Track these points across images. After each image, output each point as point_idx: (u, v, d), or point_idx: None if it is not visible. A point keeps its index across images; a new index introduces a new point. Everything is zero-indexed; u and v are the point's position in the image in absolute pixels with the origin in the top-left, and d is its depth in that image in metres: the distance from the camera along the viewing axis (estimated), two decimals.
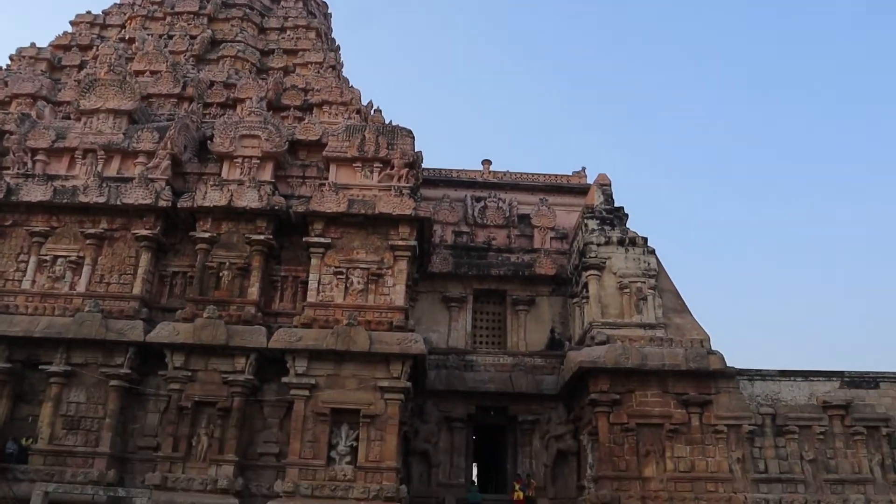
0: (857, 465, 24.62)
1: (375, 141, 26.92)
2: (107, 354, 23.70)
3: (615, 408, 24.74)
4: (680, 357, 25.07)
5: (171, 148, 26.62)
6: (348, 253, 25.56)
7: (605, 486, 23.76)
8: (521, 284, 30.85)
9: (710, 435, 24.60)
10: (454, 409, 28.22)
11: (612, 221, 28.49)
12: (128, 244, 25.59)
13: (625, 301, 26.87)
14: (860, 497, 24.01)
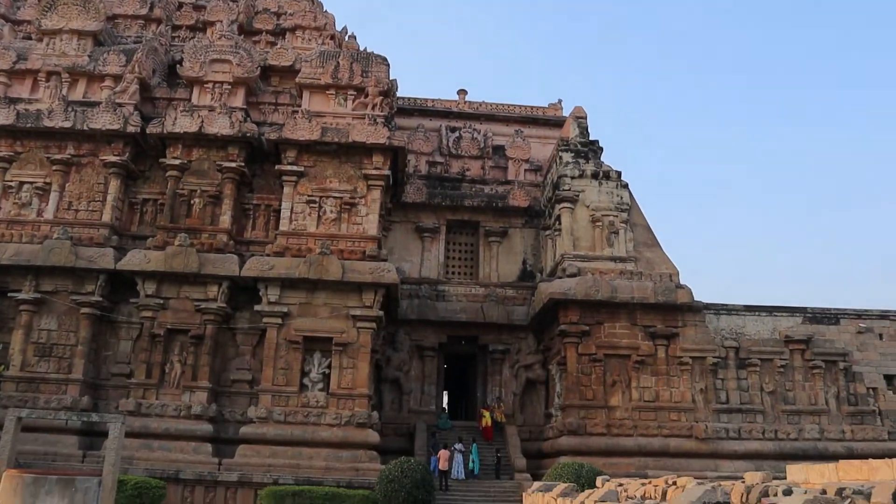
0: (813, 397, 25.55)
1: (350, 68, 26.45)
2: (77, 282, 23.62)
3: (584, 339, 25.24)
4: (649, 290, 25.51)
5: (138, 72, 25.96)
6: (321, 182, 25.42)
7: (572, 415, 24.47)
8: (495, 216, 30.95)
9: (676, 366, 25.29)
10: (426, 338, 28.64)
11: (587, 155, 28.47)
12: (96, 170, 25.20)
13: (597, 234, 27.11)
14: (815, 427, 25.01)
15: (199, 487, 21.12)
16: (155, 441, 22.16)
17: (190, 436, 22.34)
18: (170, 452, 21.89)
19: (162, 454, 21.85)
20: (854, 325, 26.84)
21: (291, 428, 22.51)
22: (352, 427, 22.71)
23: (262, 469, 21.51)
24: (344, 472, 21.64)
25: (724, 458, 24.09)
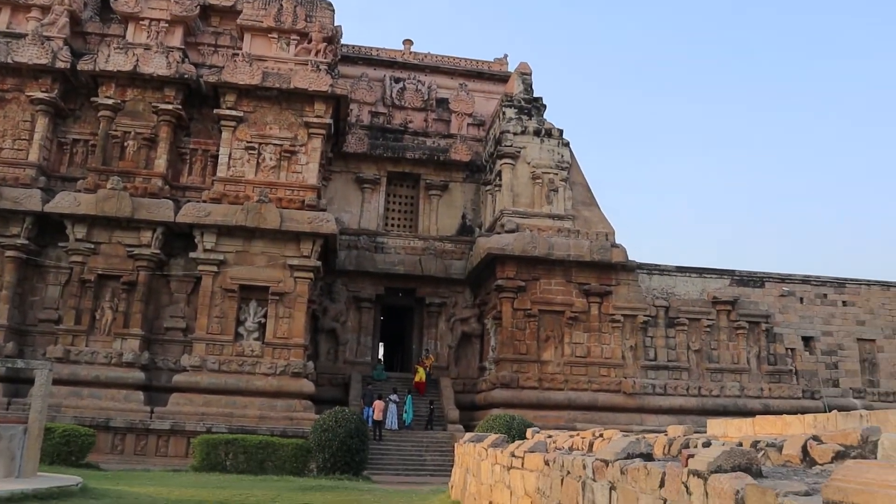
0: (736, 356, 26.63)
1: (293, 11, 25.77)
2: (2, 224, 22.77)
3: (520, 294, 25.62)
4: (585, 248, 25.97)
5: (69, 3, 24.77)
6: (261, 128, 24.92)
7: (506, 368, 24.95)
8: (436, 169, 30.89)
9: (608, 323, 25.94)
10: (363, 289, 28.65)
11: (530, 111, 28.54)
12: (22, 107, 24.12)
13: (536, 191, 27.36)
14: (736, 384, 26.12)
15: (130, 435, 20.95)
16: (84, 389, 21.76)
17: (121, 383, 22.01)
18: (100, 400, 21.57)
19: (92, 402, 21.50)
20: (777, 289, 27.94)
21: (226, 377, 22.39)
22: (287, 377, 22.71)
23: (196, 418, 21.39)
24: (278, 422, 21.70)
25: (649, 413, 24.99)
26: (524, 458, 8.94)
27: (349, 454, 19.13)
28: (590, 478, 6.68)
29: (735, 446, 5.00)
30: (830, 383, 27.60)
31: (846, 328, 28.36)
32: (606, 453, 6.42)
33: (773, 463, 5.86)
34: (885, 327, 28.87)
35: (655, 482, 5.39)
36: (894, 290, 29.53)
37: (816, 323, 28.08)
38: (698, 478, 4.79)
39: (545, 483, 8.02)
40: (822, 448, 5.44)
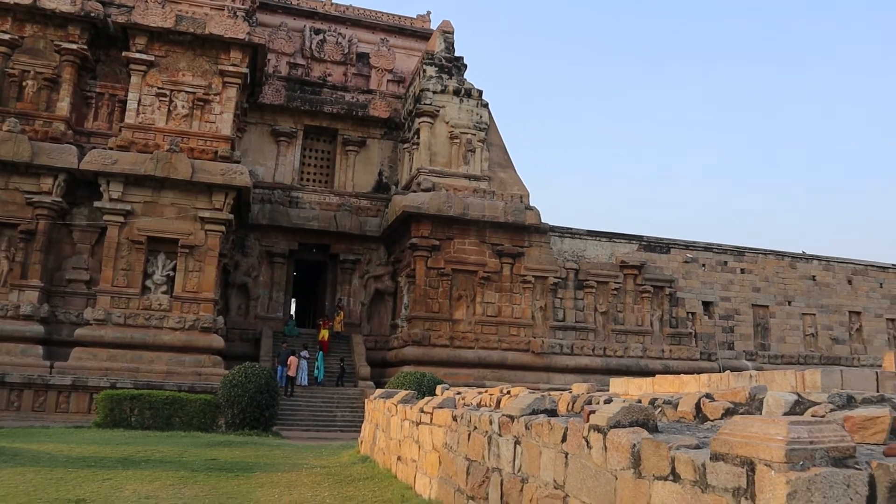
0: (640, 319, 27.67)
1: None
2: None
3: (434, 253, 25.78)
4: (500, 210, 26.27)
5: None
6: (173, 74, 23.97)
7: (418, 326, 25.17)
8: (354, 125, 30.51)
9: (519, 284, 26.44)
10: (277, 244, 28.24)
11: (451, 70, 28.43)
12: None
13: (454, 151, 27.42)
14: (639, 346, 27.18)
15: (27, 391, 20.16)
16: None
17: (18, 337, 21.11)
18: None
19: None
20: (682, 255, 29.08)
21: (132, 331, 21.78)
22: (196, 331, 22.29)
23: (100, 373, 20.77)
24: (186, 377, 21.33)
25: (557, 372, 25.74)
26: (433, 414, 9.11)
27: (259, 410, 19.03)
28: (496, 433, 6.89)
29: (633, 403, 5.25)
30: (726, 346, 29.08)
31: (743, 294, 29.87)
32: (512, 409, 6.62)
33: (668, 419, 6.17)
34: (778, 294, 30.55)
35: (558, 437, 5.61)
36: (787, 259, 31.24)
37: (716, 289, 29.45)
38: (598, 432, 5.02)
39: (453, 438, 8.21)
40: (713, 405, 5.77)
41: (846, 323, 31.72)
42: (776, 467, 3.47)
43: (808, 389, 7.18)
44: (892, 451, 4.07)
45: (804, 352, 30.39)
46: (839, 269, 32.27)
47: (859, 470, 3.64)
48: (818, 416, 4.95)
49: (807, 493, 3.41)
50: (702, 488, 3.93)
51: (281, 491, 9.66)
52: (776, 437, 3.55)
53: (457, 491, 7.84)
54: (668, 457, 4.23)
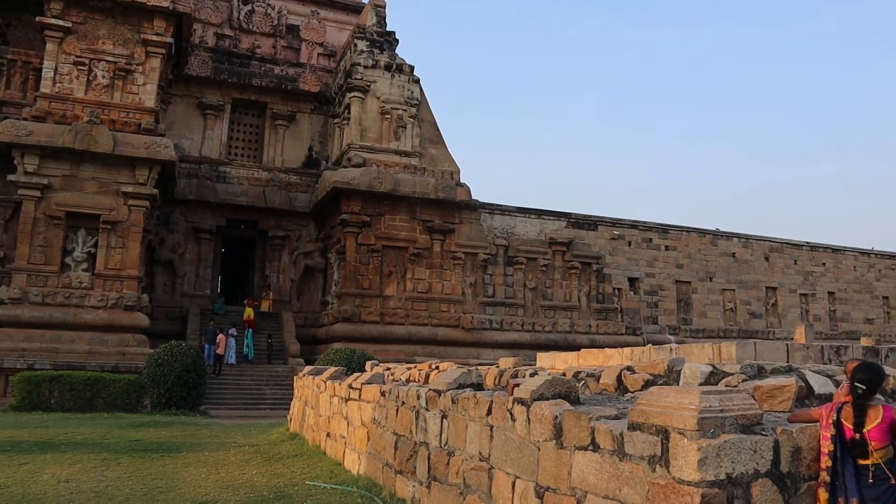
0: (568, 295, 28.20)
1: None
2: None
3: (364, 229, 25.65)
4: (430, 186, 26.27)
5: None
6: (93, 42, 23.03)
7: (348, 302, 25.07)
8: (283, 98, 29.95)
9: (449, 261, 26.57)
10: (203, 219, 27.61)
11: (383, 45, 28.15)
12: None
13: (385, 127, 27.25)
14: (567, 321, 27.73)
15: None
16: None
17: None
18: None
19: None
20: (609, 232, 29.72)
21: (50, 310, 21.03)
22: (119, 310, 21.68)
23: (16, 354, 19.97)
24: (109, 357, 20.75)
25: (486, 347, 26.05)
26: (361, 389, 9.13)
27: (185, 389, 18.69)
28: (423, 407, 6.95)
29: (557, 376, 5.37)
30: (651, 320, 29.93)
31: (667, 271, 30.76)
32: (439, 384, 6.69)
33: (591, 391, 6.35)
34: (700, 271, 31.58)
35: (483, 410, 5.71)
36: (709, 237, 32.29)
37: (641, 265, 30.23)
38: (522, 405, 5.12)
39: (381, 413, 8.25)
40: (634, 377, 5.96)
41: (763, 298, 33.04)
42: (689, 435, 3.62)
43: (724, 361, 7.47)
44: (796, 417, 4.30)
45: (724, 326, 31.53)
46: (757, 246, 33.53)
47: (765, 436, 3.83)
48: (731, 386, 5.16)
49: (716, 459, 3.57)
50: (620, 457, 4.07)
51: (208, 470, 9.56)
52: (689, 407, 3.70)
53: (385, 466, 7.91)
54: (589, 427, 4.35)
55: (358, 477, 8.62)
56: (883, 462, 3.85)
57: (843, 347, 9.40)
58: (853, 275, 36.04)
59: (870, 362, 4.18)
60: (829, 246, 35.80)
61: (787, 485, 3.85)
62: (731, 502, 3.60)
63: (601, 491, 4.18)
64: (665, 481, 3.69)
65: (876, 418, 3.90)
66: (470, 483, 5.80)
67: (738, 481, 3.64)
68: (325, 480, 8.63)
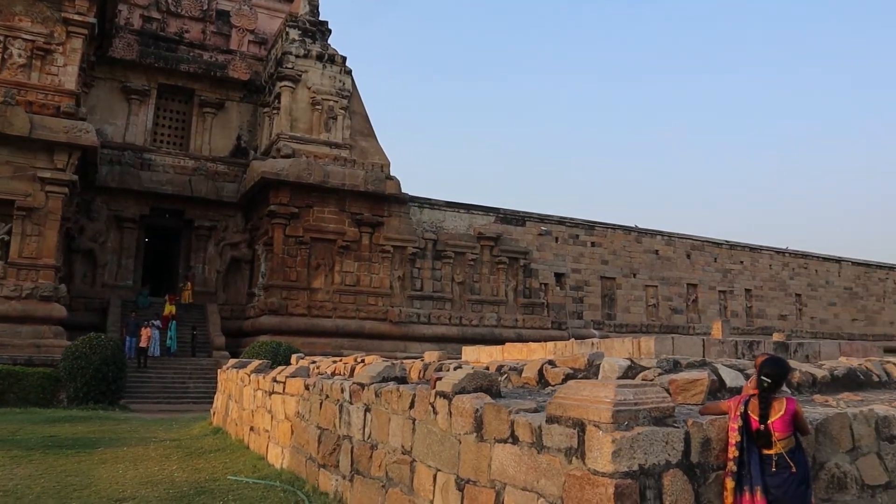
0: (496, 289, 28.51)
1: None
2: None
3: (292, 221, 25.34)
4: (360, 179, 26.13)
5: None
6: (8, 18, 22.02)
7: (275, 295, 24.74)
8: (212, 86, 29.28)
9: (378, 254, 26.50)
10: (126, 208, 26.77)
11: (315, 35, 27.82)
12: None
13: (315, 117, 26.95)
14: (494, 315, 28.01)
15: None
16: None
17: None
18: None
19: None
20: (537, 228, 30.16)
21: None
22: (34, 300, 20.83)
23: None
24: (23, 349, 19.91)
25: (413, 341, 26.08)
26: (286, 383, 9.05)
27: (105, 383, 18.11)
28: (347, 401, 6.94)
29: (479, 370, 5.44)
30: (576, 315, 30.51)
31: (592, 267, 31.41)
32: (363, 377, 6.69)
33: (514, 385, 6.44)
34: (624, 267, 32.35)
35: (406, 403, 5.73)
36: (633, 234, 33.11)
37: (568, 261, 30.78)
38: (444, 399, 5.16)
39: (305, 407, 8.19)
40: (555, 371, 6.08)
41: (684, 294, 34.08)
42: (603, 427, 3.72)
43: (643, 356, 7.69)
44: (707, 410, 4.46)
45: (646, 321, 32.39)
46: (679, 244, 34.55)
47: (677, 428, 3.96)
48: (648, 379, 5.33)
49: (630, 451, 3.68)
50: (538, 449, 4.15)
51: (126, 466, 9.31)
52: (605, 400, 3.80)
53: (308, 459, 7.86)
54: (508, 420, 4.42)
55: (281, 471, 8.54)
56: (785, 451, 4.03)
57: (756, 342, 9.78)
58: (769, 273, 37.51)
59: (776, 357, 4.37)
60: (747, 245, 37.16)
61: (697, 475, 3.99)
62: (643, 493, 3.71)
63: (520, 483, 4.25)
64: (581, 473, 3.79)
65: (780, 410, 4.08)
66: (392, 476, 5.82)
67: (651, 472, 3.76)
68: (248, 475, 8.52)
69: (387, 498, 5.85)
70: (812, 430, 4.50)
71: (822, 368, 6.61)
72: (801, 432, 4.22)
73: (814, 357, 9.69)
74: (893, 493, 4.89)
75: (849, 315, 40.32)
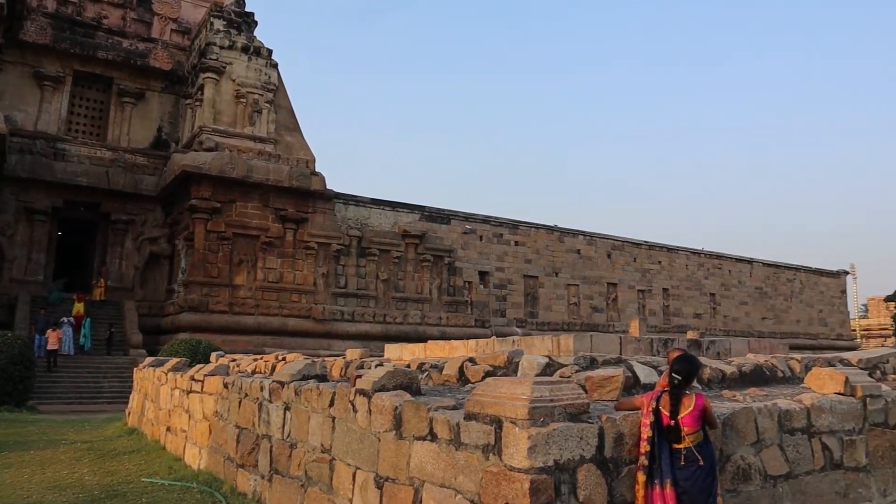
0: (420, 287, 28.56)
1: None
2: None
3: (214, 216, 24.79)
4: (285, 174, 25.76)
5: None
6: None
7: (195, 291, 24.16)
8: (132, 74, 28.33)
9: (302, 251, 26.17)
10: (37, 200, 25.64)
11: (240, 26, 27.27)
12: None
13: (240, 111, 26.44)
14: (418, 313, 28.06)
15: None
16: None
17: None
18: None
19: None
20: (461, 226, 30.34)
21: None
22: None
23: None
24: None
25: (337, 339, 25.87)
26: (204, 381, 8.87)
27: (11, 383, 17.32)
28: (266, 399, 6.84)
29: (400, 367, 5.45)
30: (499, 313, 30.83)
31: (516, 265, 31.80)
32: (283, 375, 6.61)
33: (434, 382, 6.48)
34: (547, 266, 32.87)
35: (326, 401, 5.69)
36: (556, 233, 33.66)
37: (492, 259, 31.08)
38: (364, 396, 5.15)
39: (224, 406, 8.05)
40: (475, 368, 6.13)
41: (605, 293, 34.84)
42: (520, 424, 3.78)
43: (562, 353, 7.83)
44: (622, 405, 4.59)
45: (568, 319, 32.98)
46: (601, 244, 35.31)
47: (591, 424, 4.06)
48: (565, 377, 5.43)
49: (545, 447, 3.76)
50: (456, 446, 4.18)
51: (32, 470, 8.95)
52: (521, 397, 3.87)
53: (227, 459, 7.72)
54: (427, 418, 4.45)
55: (198, 472, 8.37)
56: (693, 446, 4.19)
57: (671, 340, 10.09)
58: (685, 273, 38.72)
59: (687, 355, 4.53)
60: (665, 245, 38.27)
61: (610, 469, 4.10)
62: (558, 487, 3.80)
63: (438, 480, 4.28)
64: (497, 469, 3.84)
65: (689, 406, 4.23)
66: (312, 475, 5.77)
67: (566, 467, 3.84)
68: (164, 477, 8.32)
69: (306, 497, 5.80)
70: (720, 425, 4.69)
71: (731, 365, 6.87)
72: (710, 426, 4.40)
73: (724, 354, 10.06)
74: (794, 483, 5.14)
75: (759, 314, 42.00)
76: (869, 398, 5.93)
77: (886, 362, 8.26)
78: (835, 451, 5.50)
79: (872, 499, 5.73)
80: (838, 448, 5.54)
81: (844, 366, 7.56)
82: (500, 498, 3.77)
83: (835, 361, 7.85)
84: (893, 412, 6.15)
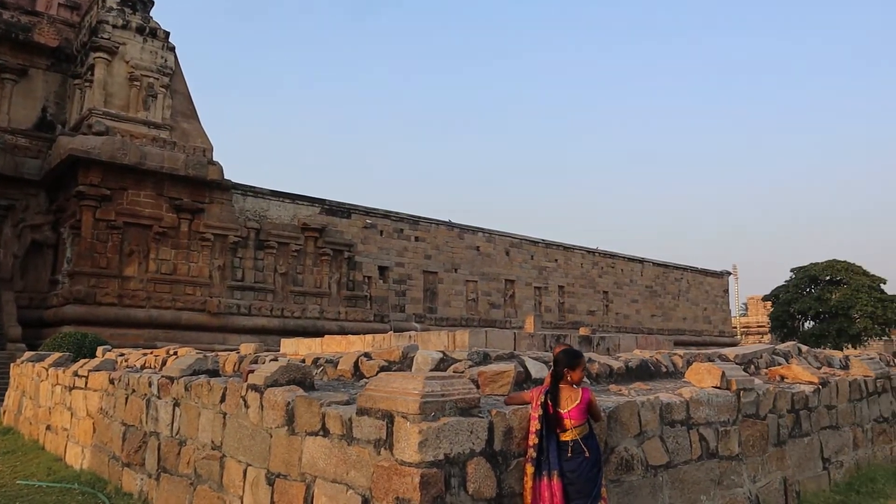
0: (319, 281, 28.25)
1: None
2: None
3: (104, 204, 23.73)
4: (180, 162, 24.93)
5: None
6: None
7: (82, 283, 23.07)
8: (13, 49, 26.69)
9: (197, 242, 25.42)
10: None
11: (136, 5, 26.18)
12: None
13: (133, 94, 25.40)
14: (317, 307, 27.76)
15: None
16: None
17: None
18: None
19: None
20: (362, 221, 30.22)
21: None
22: None
23: None
24: None
25: (233, 333, 25.30)
26: (88, 377, 8.52)
27: None
28: (155, 395, 6.65)
29: (293, 362, 5.40)
30: (398, 309, 30.88)
31: (416, 261, 31.93)
32: (173, 370, 6.44)
33: (329, 377, 6.45)
34: (446, 262, 33.16)
35: (217, 397, 5.59)
36: (456, 230, 34.01)
37: (392, 254, 31.09)
38: (256, 392, 5.09)
39: (109, 403, 7.76)
40: (370, 363, 6.15)
41: (502, 290, 35.47)
42: (411, 419, 3.83)
43: (458, 348, 7.95)
44: (512, 400, 4.72)
45: (466, 315, 33.39)
46: (499, 241, 35.91)
47: (482, 418, 4.16)
48: (459, 371, 5.53)
49: (436, 441, 3.82)
50: (348, 441, 4.20)
51: None
52: (413, 392, 3.92)
53: (112, 458, 7.45)
54: (320, 413, 4.44)
55: (81, 472, 8.03)
56: (580, 438, 4.36)
57: (563, 336, 10.40)
58: (580, 271, 39.87)
59: (571, 350, 4.69)
60: (562, 244, 39.28)
61: (500, 462, 4.21)
62: (448, 481, 3.87)
63: (330, 475, 4.29)
64: (389, 463, 3.88)
65: (576, 399, 4.40)
66: (201, 473, 5.65)
67: (456, 461, 3.92)
68: (42, 478, 7.93)
69: (195, 496, 5.67)
70: (605, 417, 4.89)
71: (618, 360, 7.15)
72: (595, 419, 4.58)
73: (614, 350, 10.45)
74: (673, 472, 5.41)
75: (649, 311, 43.74)
76: (742, 391, 6.31)
77: (760, 357, 8.78)
78: (711, 441, 5.83)
79: (744, 485, 6.10)
80: (714, 438, 5.87)
81: (722, 361, 8.00)
82: (390, 492, 3.81)
83: (714, 357, 8.29)
84: (764, 404, 6.57)
